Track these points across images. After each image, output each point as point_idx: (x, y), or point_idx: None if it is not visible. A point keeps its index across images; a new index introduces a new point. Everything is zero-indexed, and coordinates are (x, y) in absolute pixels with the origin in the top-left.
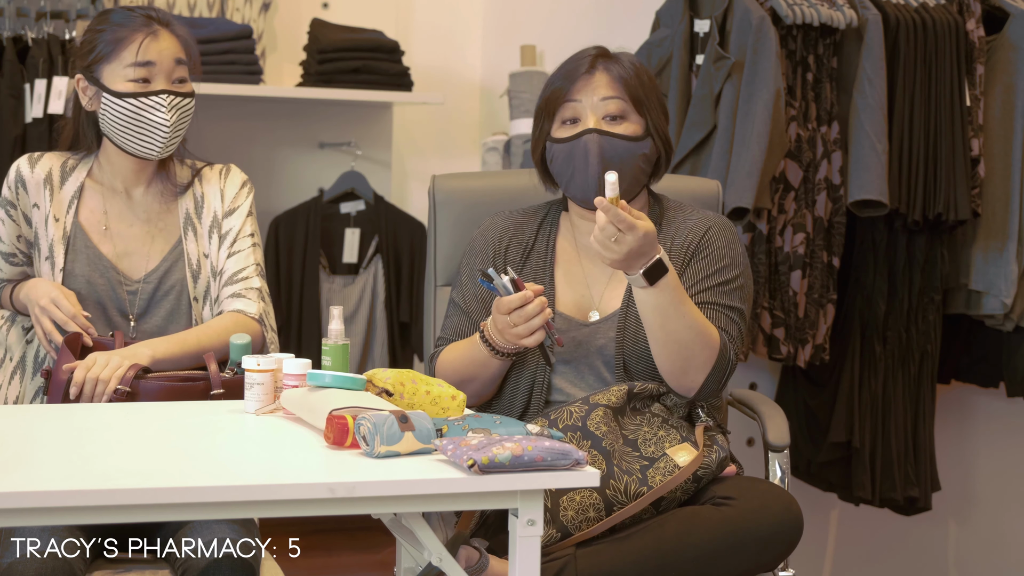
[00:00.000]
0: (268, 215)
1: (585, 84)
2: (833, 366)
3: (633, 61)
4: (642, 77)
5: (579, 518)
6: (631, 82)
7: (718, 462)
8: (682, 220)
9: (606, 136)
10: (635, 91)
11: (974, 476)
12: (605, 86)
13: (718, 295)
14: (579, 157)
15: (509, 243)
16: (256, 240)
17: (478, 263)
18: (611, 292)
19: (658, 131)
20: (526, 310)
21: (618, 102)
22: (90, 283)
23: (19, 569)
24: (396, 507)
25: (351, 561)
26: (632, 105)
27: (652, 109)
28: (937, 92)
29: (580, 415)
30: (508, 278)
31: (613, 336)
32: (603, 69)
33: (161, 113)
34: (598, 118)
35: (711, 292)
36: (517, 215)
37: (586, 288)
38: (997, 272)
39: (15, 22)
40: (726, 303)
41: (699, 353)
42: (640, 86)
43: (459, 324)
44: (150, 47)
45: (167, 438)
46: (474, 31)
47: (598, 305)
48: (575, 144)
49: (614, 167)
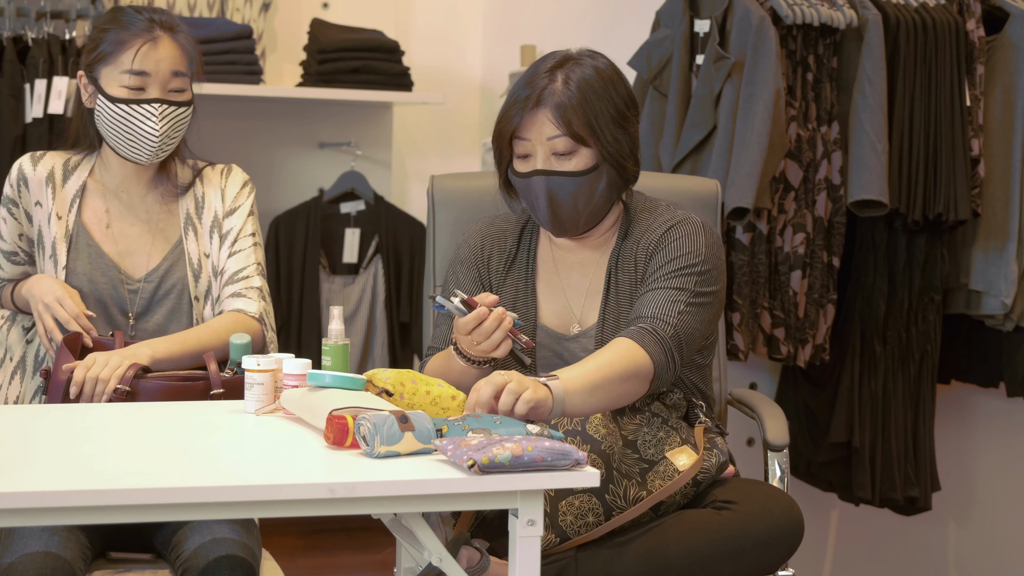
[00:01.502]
0: (268, 215)
1: (531, 122)
2: (833, 366)
3: (584, 76)
4: (589, 97)
5: (578, 523)
6: (572, 118)
7: (717, 466)
8: (648, 223)
9: (553, 176)
10: (579, 127)
11: (974, 476)
12: (549, 124)
13: (662, 278)
14: (533, 193)
15: (491, 253)
16: (257, 240)
17: (462, 273)
18: (590, 304)
19: (609, 156)
20: (484, 327)
21: (563, 140)
22: (92, 281)
23: (19, 569)
24: (396, 507)
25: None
26: (578, 140)
27: (602, 134)
28: (937, 92)
29: (580, 419)
30: (459, 300)
31: (592, 349)
32: (547, 102)
33: (151, 123)
34: (547, 155)
35: (660, 278)
36: (499, 222)
37: (566, 301)
38: (997, 272)
39: (15, 22)
40: (671, 285)
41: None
42: (586, 115)
43: (447, 333)
44: (147, 56)
45: (167, 438)
46: (474, 31)
47: (579, 318)
48: (528, 182)
49: (566, 202)
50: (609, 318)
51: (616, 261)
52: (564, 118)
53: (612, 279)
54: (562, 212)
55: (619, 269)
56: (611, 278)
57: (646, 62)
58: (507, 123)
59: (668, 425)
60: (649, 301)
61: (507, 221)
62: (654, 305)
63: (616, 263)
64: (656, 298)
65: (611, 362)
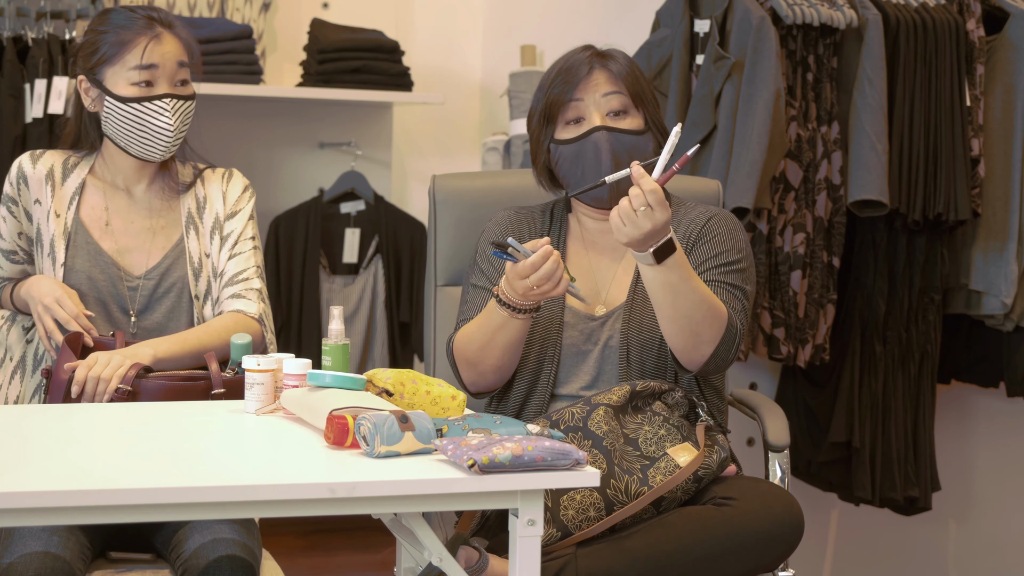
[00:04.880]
0: (268, 215)
1: (585, 83)
2: (833, 366)
3: (626, 56)
4: (636, 72)
5: (579, 517)
6: (629, 78)
7: (719, 462)
8: (683, 213)
9: (614, 132)
10: (633, 86)
11: (974, 476)
12: (606, 82)
13: (720, 274)
14: (588, 156)
15: (521, 233)
16: (257, 243)
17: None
18: (617, 286)
19: (657, 125)
20: (546, 268)
21: (620, 97)
22: (91, 279)
23: (19, 569)
24: (396, 507)
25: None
26: (632, 100)
27: (650, 103)
28: (937, 92)
29: (581, 415)
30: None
31: (620, 328)
32: (600, 67)
33: (164, 118)
34: (602, 115)
35: (714, 272)
36: (526, 211)
37: (593, 283)
38: (997, 272)
39: (15, 22)
40: (728, 281)
41: (708, 327)
42: (636, 81)
43: (484, 301)
44: (154, 51)
45: (167, 438)
46: (474, 31)
47: (604, 299)
48: (583, 144)
49: (623, 163)
50: (638, 298)
51: None
52: (621, 75)
53: None
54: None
55: None
56: None
57: (646, 62)
58: (558, 90)
59: (670, 423)
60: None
61: (532, 211)
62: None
63: None
64: (719, 293)
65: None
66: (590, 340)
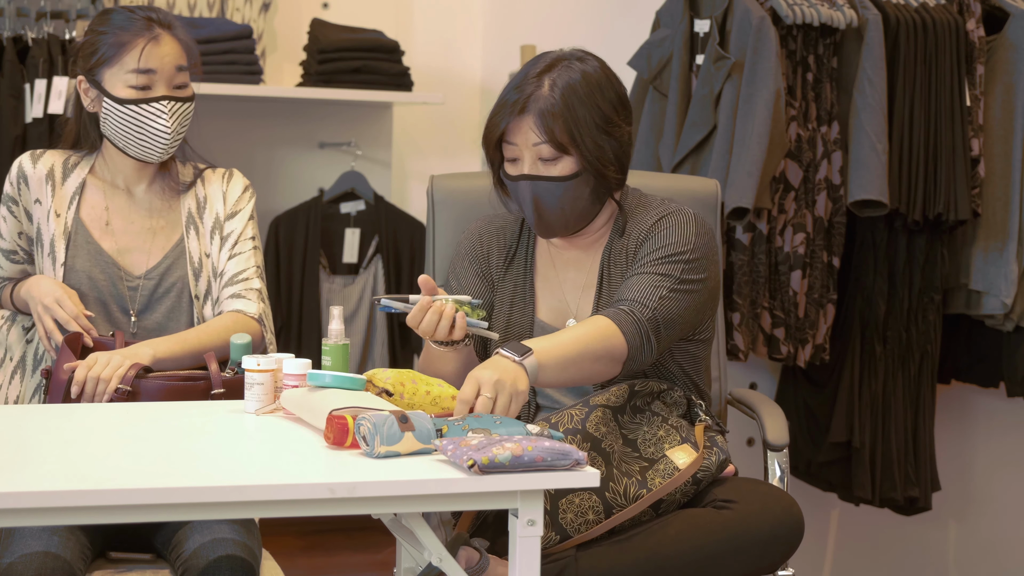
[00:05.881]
0: (268, 215)
1: (517, 127)
2: (833, 366)
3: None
4: (573, 108)
5: (578, 521)
6: (554, 126)
7: (718, 464)
8: (641, 218)
9: (538, 181)
10: (560, 135)
11: (974, 476)
12: (532, 131)
13: (647, 264)
14: (520, 196)
15: (491, 249)
16: (257, 243)
17: (462, 269)
18: (585, 300)
19: (591, 163)
20: (427, 321)
21: (547, 147)
22: (91, 279)
23: (19, 569)
24: (396, 507)
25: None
26: (559, 147)
27: (583, 142)
28: (937, 92)
29: (580, 417)
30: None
31: None
32: (532, 109)
33: (162, 120)
34: (533, 160)
35: (646, 265)
36: (498, 220)
37: (563, 295)
38: (997, 272)
39: (15, 22)
40: (656, 271)
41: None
42: (567, 122)
43: None
44: (152, 53)
45: (167, 438)
46: (474, 31)
47: (575, 312)
48: (516, 186)
49: (552, 206)
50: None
51: (608, 256)
52: (546, 126)
53: (605, 274)
54: (548, 216)
55: (611, 264)
56: (604, 272)
57: (646, 62)
58: (495, 128)
59: (668, 424)
60: (632, 285)
61: (505, 219)
62: (636, 289)
63: (608, 258)
64: (640, 282)
65: (586, 338)
66: None
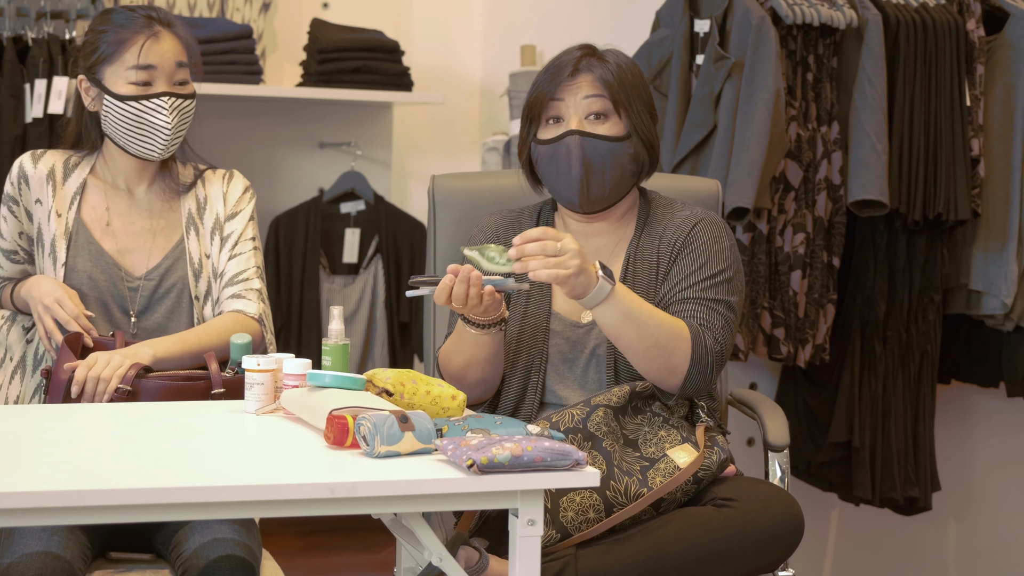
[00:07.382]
0: (268, 215)
1: (568, 84)
2: (833, 366)
3: (619, 60)
4: (626, 77)
5: (579, 519)
6: (613, 83)
7: (718, 463)
8: (669, 218)
9: (587, 137)
10: (616, 92)
11: (974, 476)
12: (588, 85)
13: (701, 290)
14: (562, 159)
15: (507, 240)
16: (257, 244)
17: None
18: None
19: (640, 132)
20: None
21: (600, 100)
22: (91, 279)
23: (19, 569)
24: (396, 507)
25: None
26: (614, 105)
27: (635, 110)
28: (937, 92)
29: (581, 417)
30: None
31: (604, 337)
32: (587, 69)
33: (163, 116)
34: (580, 118)
35: (695, 288)
36: (513, 214)
37: None
38: (997, 272)
39: (15, 22)
40: (710, 296)
41: (677, 348)
42: (622, 87)
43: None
44: (151, 50)
45: (167, 438)
46: (474, 31)
47: None
48: (558, 146)
49: (596, 167)
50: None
51: (635, 251)
52: (604, 80)
53: (630, 268)
54: (592, 178)
55: (638, 259)
56: (629, 267)
57: (646, 62)
58: (543, 89)
59: (669, 424)
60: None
61: (520, 214)
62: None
63: (635, 252)
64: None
65: (669, 322)
66: (576, 347)
